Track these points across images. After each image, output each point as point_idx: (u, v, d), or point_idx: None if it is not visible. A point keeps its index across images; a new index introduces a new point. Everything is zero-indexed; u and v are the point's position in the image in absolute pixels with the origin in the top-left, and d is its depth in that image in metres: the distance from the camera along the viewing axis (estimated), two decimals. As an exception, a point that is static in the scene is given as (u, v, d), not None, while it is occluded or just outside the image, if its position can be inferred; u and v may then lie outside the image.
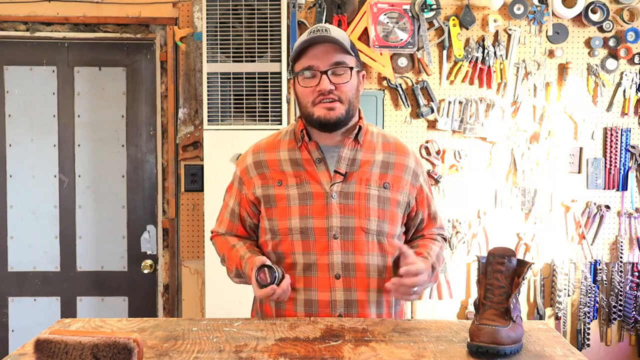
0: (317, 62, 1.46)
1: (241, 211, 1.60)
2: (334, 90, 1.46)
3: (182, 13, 2.84)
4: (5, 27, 2.88)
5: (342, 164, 1.51)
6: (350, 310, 1.48)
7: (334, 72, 1.46)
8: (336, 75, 1.46)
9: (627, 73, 2.85)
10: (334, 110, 1.46)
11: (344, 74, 1.47)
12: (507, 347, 1.14)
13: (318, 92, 1.46)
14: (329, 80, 1.45)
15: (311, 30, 1.49)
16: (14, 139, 2.96)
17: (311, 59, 1.46)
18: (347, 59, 1.48)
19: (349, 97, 1.49)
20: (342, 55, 1.47)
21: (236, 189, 1.61)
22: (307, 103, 1.49)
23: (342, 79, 1.47)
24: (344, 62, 1.47)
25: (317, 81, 1.46)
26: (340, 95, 1.47)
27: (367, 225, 1.49)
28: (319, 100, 1.46)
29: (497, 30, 2.82)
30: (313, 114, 1.48)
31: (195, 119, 2.83)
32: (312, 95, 1.47)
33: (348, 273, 1.48)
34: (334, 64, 1.46)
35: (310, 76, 1.47)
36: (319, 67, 1.45)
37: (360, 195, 1.49)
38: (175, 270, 2.93)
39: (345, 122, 1.50)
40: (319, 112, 1.47)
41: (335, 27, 1.51)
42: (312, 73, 1.46)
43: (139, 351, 1.00)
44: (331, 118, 1.47)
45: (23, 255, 2.97)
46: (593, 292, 2.87)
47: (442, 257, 1.63)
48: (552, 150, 2.85)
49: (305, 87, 1.48)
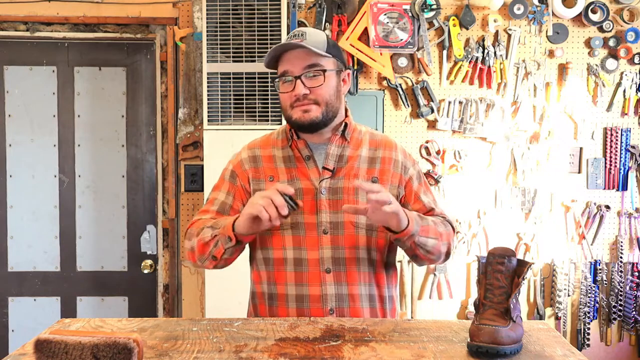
0: (291, 67, 1.50)
1: (235, 203, 1.58)
2: (309, 94, 1.49)
3: (182, 13, 2.84)
4: (5, 27, 2.88)
5: (330, 160, 1.53)
6: (342, 304, 1.49)
7: (307, 75, 1.49)
8: (310, 79, 1.49)
9: (627, 73, 2.85)
10: (308, 112, 1.49)
11: (318, 77, 1.49)
12: (507, 347, 1.14)
13: (294, 96, 1.49)
14: (303, 85, 1.48)
15: (288, 36, 1.53)
16: (14, 139, 2.96)
17: (285, 64, 1.51)
18: (322, 62, 1.50)
19: (326, 99, 1.51)
20: (316, 59, 1.49)
21: (228, 183, 1.60)
22: (286, 107, 1.53)
23: (316, 82, 1.49)
24: (317, 65, 1.49)
25: (292, 86, 1.49)
26: (316, 97, 1.50)
27: (356, 219, 1.50)
28: (296, 104, 1.50)
29: (497, 30, 2.82)
30: (291, 116, 1.52)
31: (195, 119, 2.83)
32: (290, 100, 1.51)
33: (338, 267, 1.49)
34: (306, 67, 1.49)
35: (287, 81, 1.51)
36: (293, 72, 1.49)
37: (349, 190, 1.51)
38: (175, 270, 2.93)
39: (323, 123, 1.52)
40: (296, 114, 1.51)
41: (313, 31, 1.53)
42: (288, 78, 1.50)
43: (139, 351, 1.00)
44: (305, 120, 1.50)
45: (23, 255, 2.97)
46: (593, 292, 2.87)
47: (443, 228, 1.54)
48: (552, 150, 2.85)
49: (283, 92, 1.52)
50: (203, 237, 1.49)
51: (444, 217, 1.62)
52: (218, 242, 1.46)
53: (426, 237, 1.47)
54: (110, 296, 3.00)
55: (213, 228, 1.48)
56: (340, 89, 1.56)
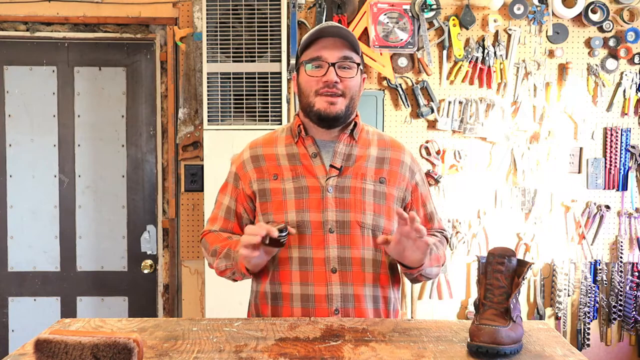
0: (326, 53, 1.48)
1: (238, 207, 1.58)
2: (339, 84, 1.47)
3: (182, 13, 2.84)
4: (5, 27, 2.88)
5: (338, 158, 1.52)
6: (347, 304, 1.47)
7: (341, 65, 1.48)
8: (343, 70, 1.48)
9: (627, 73, 2.85)
10: (335, 104, 1.48)
11: (350, 69, 1.49)
12: (507, 347, 1.14)
13: (324, 82, 1.47)
14: (335, 73, 1.47)
15: (322, 24, 1.52)
16: (14, 139, 2.96)
17: (320, 49, 1.48)
18: (354, 56, 1.51)
19: (352, 92, 1.51)
20: (350, 52, 1.50)
21: (231, 186, 1.60)
22: (310, 92, 1.49)
23: (349, 73, 1.49)
24: (352, 58, 1.50)
25: (323, 72, 1.47)
26: (345, 89, 1.49)
27: (362, 219, 1.49)
28: (323, 91, 1.47)
29: (497, 30, 2.82)
30: (314, 105, 1.49)
31: (195, 119, 2.83)
32: (317, 85, 1.48)
33: (344, 267, 1.48)
34: (342, 58, 1.48)
35: (317, 66, 1.48)
36: (328, 58, 1.47)
37: (356, 190, 1.50)
38: (175, 270, 2.93)
39: (344, 118, 1.52)
40: (320, 104, 1.48)
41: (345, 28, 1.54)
42: (320, 64, 1.48)
43: (139, 351, 1.00)
44: (331, 112, 1.48)
45: (23, 255, 2.97)
46: (593, 292, 2.87)
47: (442, 250, 1.59)
48: (552, 150, 2.85)
49: (312, 76, 1.49)
50: (218, 267, 1.53)
51: (442, 231, 1.65)
52: (234, 272, 1.51)
53: (431, 267, 1.51)
54: (110, 296, 3.00)
55: (226, 259, 1.50)
56: (361, 87, 1.56)
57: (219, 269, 1.54)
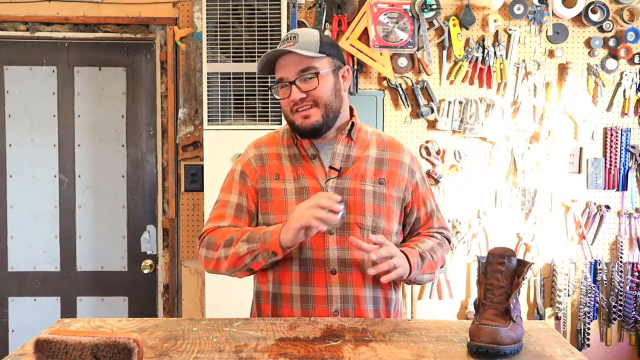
0: (285, 73, 1.50)
1: (249, 204, 1.56)
2: (306, 98, 1.48)
3: (182, 13, 2.84)
4: (5, 27, 2.88)
5: (337, 159, 1.52)
6: (347, 306, 1.48)
7: (302, 79, 1.48)
8: (305, 82, 1.48)
9: (627, 73, 2.85)
10: (309, 118, 1.49)
11: (312, 80, 1.48)
12: (507, 347, 1.14)
13: (291, 102, 1.49)
14: (298, 89, 1.48)
15: (282, 38, 1.53)
16: (14, 139, 2.96)
17: (280, 70, 1.51)
18: (315, 63, 1.49)
19: (324, 100, 1.50)
20: (308, 62, 1.48)
21: (239, 184, 1.58)
22: (287, 112, 1.53)
23: (311, 85, 1.49)
24: (311, 68, 1.48)
25: (288, 92, 1.49)
26: (316, 99, 1.49)
27: (362, 221, 1.49)
28: (295, 108, 1.50)
29: (497, 30, 2.82)
30: (294, 122, 1.52)
31: (195, 119, 2.83)
32: (289, 105, 1.51)
33: (344, 269, 1.48)
34: (300, 72, 1.48)
35: (282, 87, 1.51)
36: (288, 77, 1.49)
37: (355, 191, 1.50)
38: (175, 270, 2.93)
39: (326, 125, 1.52)
40: (297, 120, 1.51)
41: (305, 31, 1.52)
42: (283, 84, 1.50)
43: (139, 351, 1.00)
44: (307, 126, 1.50)
45: (23, 255, 2.97)
46: (593, 292, 2.87)
47: (441, 253, 1.59)
48: (552, 150, 2.85)
49: (282, 98, 1.52)
50: (238, 251, 1.45)
51: (443, 231, 1.64)
52: (257, 256, 1.44)
53: (423, 274, 1.54)
54: (110, 296, 3.00)
55: (248, 242, 1.44)
56: (340, 86, 1.54)
57: (237, 253, 1.45)
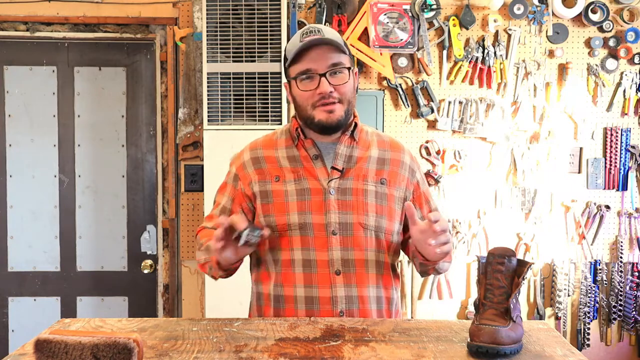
0: (314, 65, 1.46)
1: (234, 207, 1.57)
2: (334, 92, 1.46)
3: (182, 13, 2.84)
4: (5, 27, 2.88)
5: (339, 160, 1.52)
6: (351, 306, 1.47)
7: (332, 73, 1.46)
8: (334, 77, 1.47)
9: (627, 73, 2.85)
10: (334, 112, 1.47)
11: (342, 75, 1.48)
12: (507, 347, 1.14)
13: (319, 94, 1.46)
14: (328, 82, 1.45)
15: (304, 32, 1.49)
16: (14, 139, 2.96)
17: (308, 62, 1.46)
18: (343, 59, 1.49)
19: (348, 97, 1.50)
20: (338, 56, 1.48)
21: (230, 186, 1.60)
22: (307, 106, 1.49)
23: (341, 79, 1.48)
24: (341, 63, 1.48)
25: (316, 84, 1.46)
26: (341, 96, 1.48)
27: (365, 221, 1.49)
28: (320, 103, 1.47)
29: (497, 30, 2.82)
30: (314, 117, 1.48)
31: (195, 119, 2.83)
32: (312, 99, 1.47)
33: (348, 269, 1.48)
34: (331, 66, 1.46)
35: (308, 79, 1.47)
36: (317, 69, 1.46)
37: (358, 191, 1.50)
38: (175, 270, 2.93)
39: (345, 122, 1.52)
40: (320, 115, 1.47)
41: (326, 27, 1.52)
42: (310, 76, 1.47)
43: (139, 351, 1.00)
44: (332, 121, 1.48)
45: (23, 255, 2.97)
46: (593, 292, 2.87)
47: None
48: (552, 150, 2.85)
49: (305, 90, 1.48)
50: (199, 259, 1.52)
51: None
52: (211, 267, 1.47)
53: (444, 261, 1.52)
54: (110, 296, 3.00)
55: (206, 251, 1.48)
56: (356, 85, 1.55)
57: (199, 262, 1.53)
